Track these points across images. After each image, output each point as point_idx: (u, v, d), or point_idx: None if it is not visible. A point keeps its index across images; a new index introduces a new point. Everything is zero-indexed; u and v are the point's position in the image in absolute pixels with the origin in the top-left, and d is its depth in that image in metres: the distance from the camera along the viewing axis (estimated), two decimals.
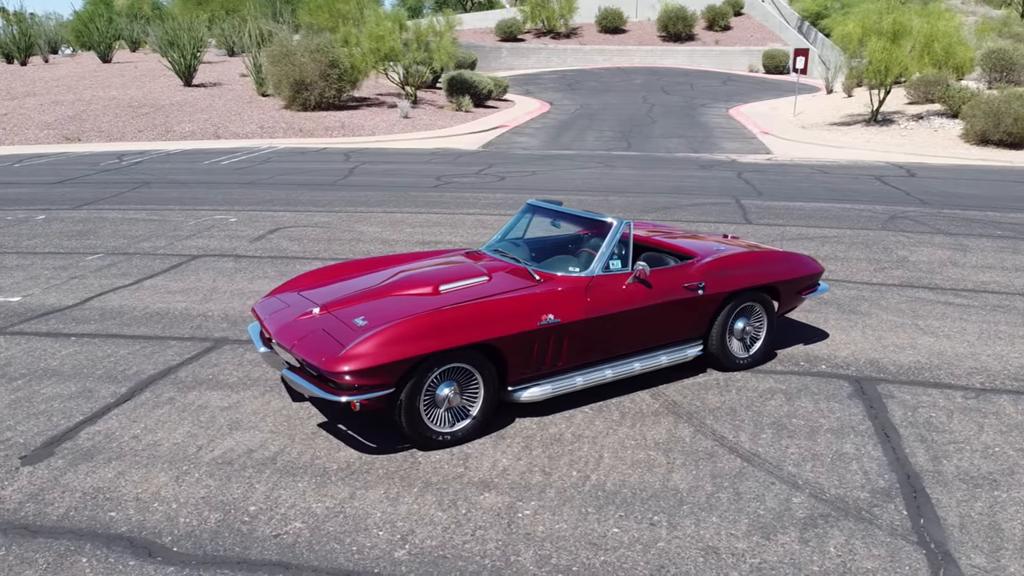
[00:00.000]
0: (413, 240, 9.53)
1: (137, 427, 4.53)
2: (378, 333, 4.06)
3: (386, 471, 4.06)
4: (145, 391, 5.04)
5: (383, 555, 3.36)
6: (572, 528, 3.57)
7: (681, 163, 17.99)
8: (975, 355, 5.79)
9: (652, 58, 49.59)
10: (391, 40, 27.10)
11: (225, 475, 4.01)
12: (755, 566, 3.30)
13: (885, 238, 9.90)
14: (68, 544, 3.41)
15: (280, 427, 4.55)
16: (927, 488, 3.92)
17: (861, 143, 22.02)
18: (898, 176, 16.07)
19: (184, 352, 5.74)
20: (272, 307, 4.84)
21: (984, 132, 20.80)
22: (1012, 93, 21.21)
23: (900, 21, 22.72)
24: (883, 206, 12.38)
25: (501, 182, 14.68)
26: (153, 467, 4.09)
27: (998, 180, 15.82)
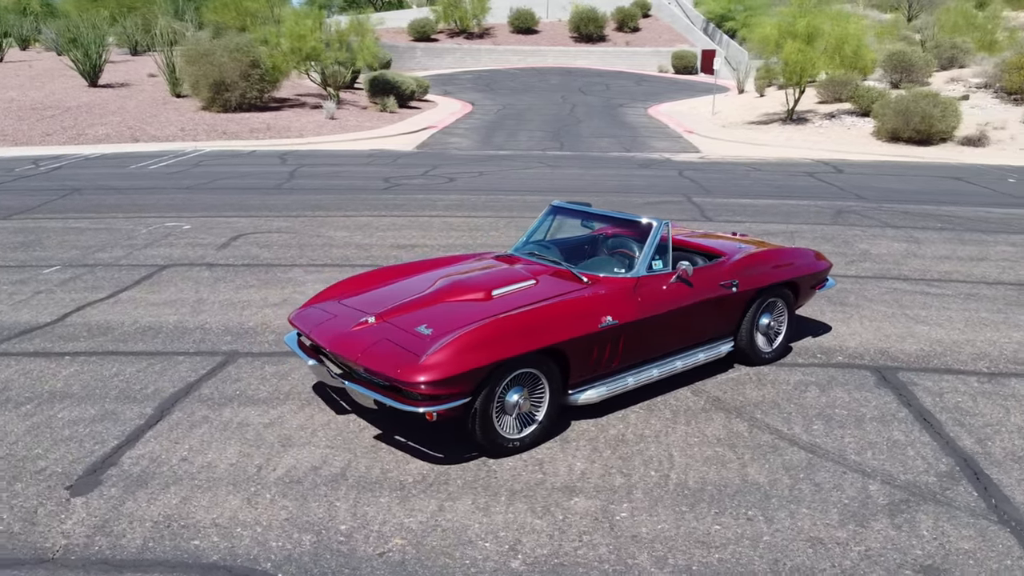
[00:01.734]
0: (387, 244, 9.36)
1: (182, 449, 4.30)
2: (453, 341, 3.98)
3: (464, 481, 3.99)
4: (174, 411, 4.78)
5: (499, 567, 3.30)
6: (675, 528, 3.60)
7: (620, 162, 18.31)
8: (970, 341, 6.13)
9: (565, 58, 50.20)
10: (312, 39, 26.49)
11: (299, 494, 3.85)
12: (863, 554, 3.40)
13: (841, 232, 10.34)
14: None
15: (335, 441, 4.40)
16: (985, 470, 4.14)
17: (783, 141, 22.93)
18: (827, 172, 16.81)
19: (197, 368, 5.47)
20: (315, 318, 4.67)
21: (895, 129, 22.00)
22: (919, 93, 22.52)
23: (813, 24, 23.75)
24: (826, 201, 12.93)
25: (451, 183, 14.59)
26: (217, 490, 3.89)
27: (917, 175, 16.77)
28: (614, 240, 5.43)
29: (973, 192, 14.49)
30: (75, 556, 3.35)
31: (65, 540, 3.46)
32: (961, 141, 22.00)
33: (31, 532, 3.52)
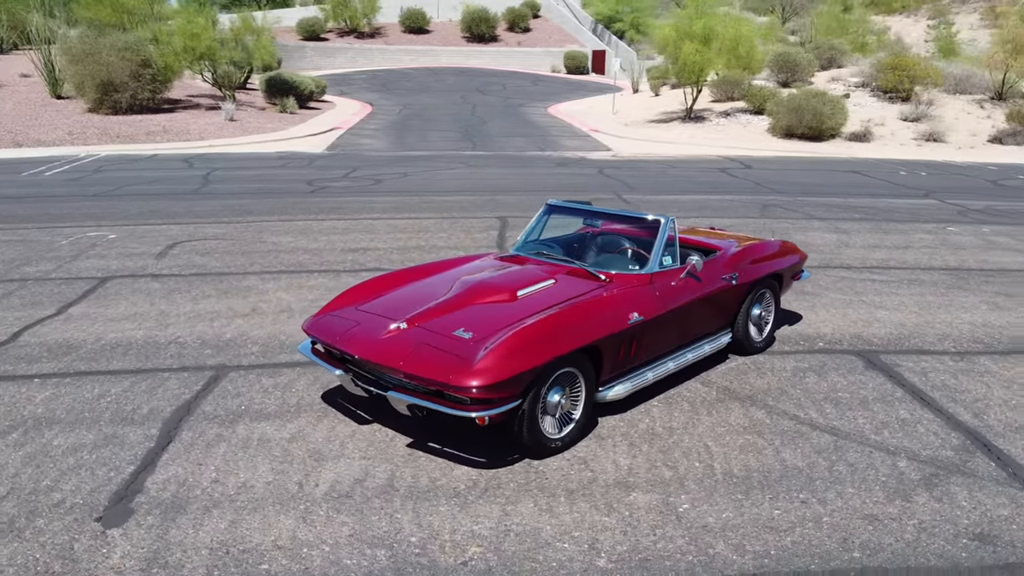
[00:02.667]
0: (337, 248, 9.12)
1: (208, 470, 4.07)
2: (503, 344, 3.95)
3: (517, 484, 3.96)
4: (182, 431, 4.51)
5: (588, 566, 3.31)
6: (738, 515, 3.70)
7: (539, 161, 18.50)
8: (929, 324, 6.57)
9: (459, 58, 50.20)
10: (206, 38, 25.43)
11: (353, 508, 3.72)
12: (918, 527, 3.61)
13: (773, 225, 10.83)
14: None
15: (368, 452, 4.27)
16: (993, 442, 4.45)
17: (686, 138, 23.75)
18: (737, 168, 17.54)
19: (189, 384, 5.18)
20: (338, 326, 4.51)
21: (789, 126, 23.19)
22: (809, 92, 23.84)
23: (709, 26, 24.71)
24: (748, 196, 13.51)
25: (379, 185, 14.37)
26: (265, 511, 3.71)
27: (818, 169, 17.75)
28: (619, 237, 5.50)
29: (873, 184, 15.47)
30: None
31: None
32: (848, 137, 23.43)
33: (76, 570, 3.25)
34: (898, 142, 23.40)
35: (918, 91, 25.95)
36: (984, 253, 9.38)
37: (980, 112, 25.78)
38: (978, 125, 24.73)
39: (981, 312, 6.92)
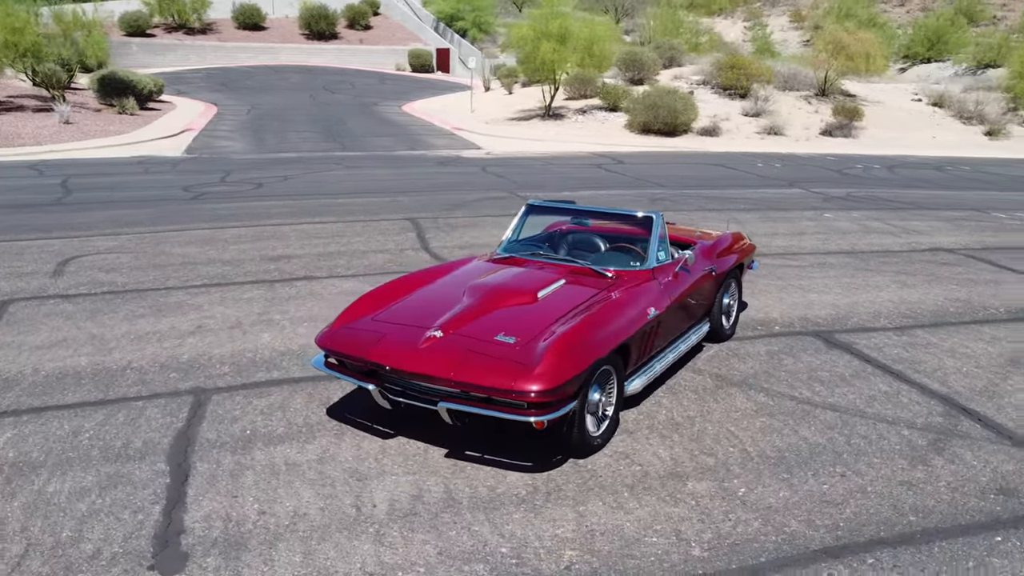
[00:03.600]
0: (256, 257, 8.66)
1: (249, 502, 3.80)
2: (556, 348, 3.95)
3: (577, 485, 3.98)
4: (194, 462, 4.17)
5: (686, 557, 3.39)
6: (793, 493, 3.91)
7: (417, 161, 18.34)
8: (858, 303, 7.17)
9: (300, 56, 48.66)
10: (30, 32, 23.19)
11: (428, 526, 3.61)
12: (949, 486, 3.97)
13: (671, 218, 11.35)
14: None
15: (410, 467, 4.14)
16: (968, 405, 4.95)
17: (552, 135, 24.31)
18: (610, 163, 18.21)
19: (172, 412, 4.78)
20: (363, 338, 4.32)
21: (646, 123, 24.30)
22: (662, 89, 25.08)
23: (565, 26, 25.41)
24: (634, 190, 14.08)
25: (261, 190, 13.76)
26: (334, 538, 3.51)
27: (686, 162, 18.76)
28: (612, 235, 5.60)
29: (739, 176, 16.55)
30: None
31: None
32: (699, 132, 24.88)
33: None
34: (744, 136, 25.10)
35: (755, 88, 27.93)
36: (867, 237, 10.30)
37: (808, 107, 28.13)
38: (808, 119, 26.99)
39: (894, 290, 7.62)
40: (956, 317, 6.79)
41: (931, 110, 28.80)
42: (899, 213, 12.27)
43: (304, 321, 6.45)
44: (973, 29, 52.67)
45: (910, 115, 28.36)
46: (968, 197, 14.47)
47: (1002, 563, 3.37)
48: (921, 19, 55.44)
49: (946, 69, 45.62)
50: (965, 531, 3.61)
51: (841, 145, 24.07)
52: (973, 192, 15.35)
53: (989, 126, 26.71)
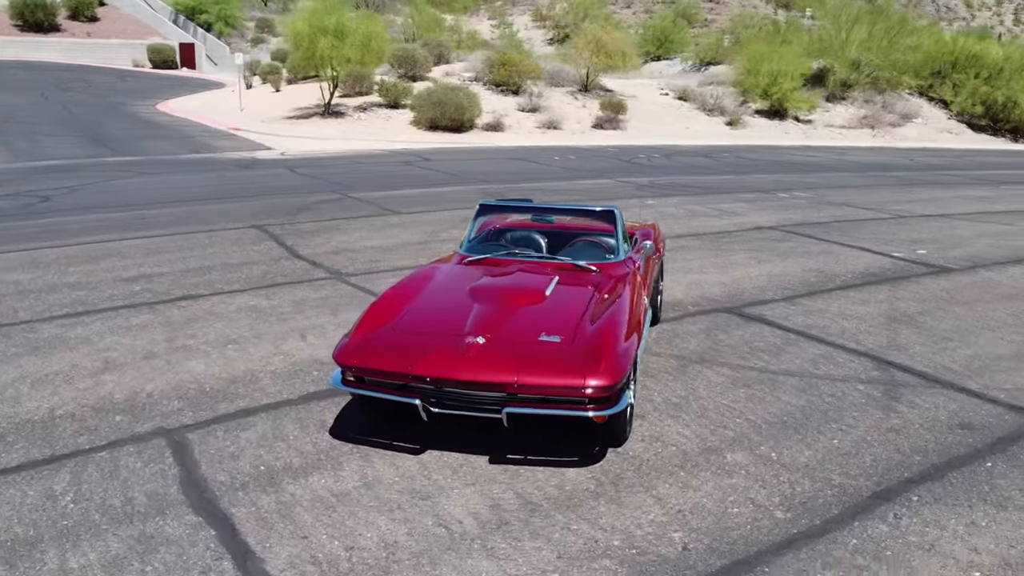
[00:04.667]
0: (107, 279, 7.72)
1: (325, 540, 3.51)
2: (609, 344, 4.06)
3: (633, 472, 4.11)
4: (227, 508, 3.75)
5: (773, 522, 3.68)
6: (814, 452, 4.35)
7: (210, 164, 17.17)
8: (737, 280, 7.95)
9: (16, 50, 43.01)
10: None
11: (529, 532, 3.57)
12: (923, 427, 4.63)
13: None
14: None
15: (466, 478, 4.04)
16: (887, 359, 5.75)
17: (338, 134, 23.76)
18: (419, 160, 18.26)
19: (155, 459, 4.22)
20: (397, 352, 4.11)
21: (433, 119, 24.54)
22: (447, 86, 25.44)
23: (342, 21, 24.89)
24: (460, 187, 14.29)
25: (49, 203, 12.23)
26: (447, 561, 3.37)
27: (491, 158, 19.30)
28: (571, 230, 5.74)
29: (545, 169, 17.36)
30: None
31: None
32: (484, 127, 25.58)
33: None
34: (525, 131, 26.21)
35: (528, 85, 29.21)
36: (696, 220, 11.35)
37: (576, 102, 29.97)
38: (578, 113, 28.77)
39: (756, 266, 8.53)
40: (821, 285, 7.77)
41: (679, 103, 31.92)
42: (707, 197, 13.60)
43: (227, 343, 5.91)
44: (691, 30, 59.04)
45: (662, 108, 31.24)
46: (750, 180, 16.36)
47: (1006, 482, 4.03)
48: (647, 20, 61.20)
49: (674, 66, 50.48)
50: (961, 462, 4.25)
51: (614, 137, 25.97)
52: (752, 176, 17.37)
53: (729, 117, 30.19)
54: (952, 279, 8.14)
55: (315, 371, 5.40)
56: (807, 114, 31.49)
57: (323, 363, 5.51)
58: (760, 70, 30.24)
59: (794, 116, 31.44)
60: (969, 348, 6.02)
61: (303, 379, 5.27)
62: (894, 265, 8.70)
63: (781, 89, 30.01)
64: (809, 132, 30.22)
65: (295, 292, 7.28)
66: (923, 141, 30.35)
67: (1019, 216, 12.73)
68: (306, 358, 5.65)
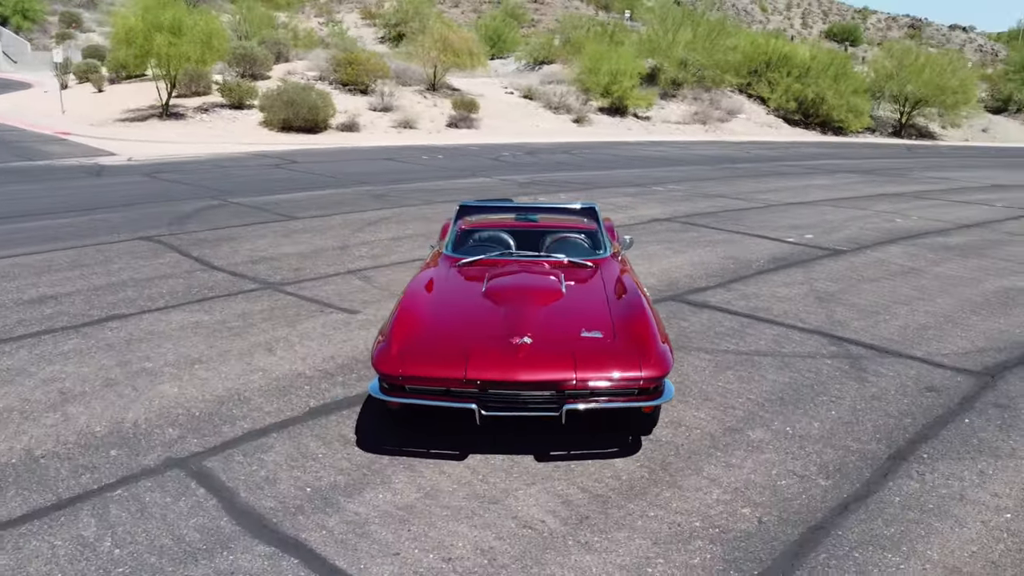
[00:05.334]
0: (4, 302, 6.98)
1: (417, 554, 3.42)
2: (652, 336, 4.20)
3: (678, 456, 4.28)
4: (298, 534, 3.56)
5: (821, 488, 3.98)
6: (821, 423, 4.72)
7: (52, 172, 15.75)
8: (665, 270, 8.36)
9: None
10: None
11: (613, 524, 3.65)
12: (898, 392, 5.14)
13: (425, 211, 11.66)
14: None
15: (524, 478, 4.04)
16: (836, 334, 6.30)
17: (183, 136, 22.44)
18: (288, 163, 17.61)
19: (182, 492, 3.90)
20: (444, 358, 4.04)
21: (286, 120, 23.70)
22: (298, 85, 24.62)
23: (179, 17, 23.46)
24: (346, 189, 13.95)
25: None
26: (550, 560, 3.39)
27: (358, 159, 18.90)
28: (554, 228, 5.81)
29: (417, 169, 17.27)
30: None
31: None
32: (340, 128, 25.00)
33: None
34: (381, 131, 25.85)
35: (378, 84, 28.80)
36: None
37: (426, 101, 29.91)
38: (430, 112, 28.73)
39: (675, 256, 9.00)
40: (743, 271, 8.32)
41: (526, 102, 32.64)
42: (593, 192, 14.09)
43: (191, 364, 5.53)
44: (520, 29, 60.41)
45: (510, 106, 31.83)
46: (620, 175, 17.09)
47: (988, 435, 4.57)
48: (477, 20, 61.92)
49: (508, 65, 51.46)
50: (944, 421, 4.77)
51: (470, 136, 26.17)
52: (618, 171, 18.11)
53: (576, 114, 31.26)
54: (848, 260, 8.98)
55: (305, 386, 5.17)
56: (645, 111, 33.19)
57: (308, 377, 5.29)
58: (600, 69, 31.52)
59: (633, 113, 33.03)
60: (897, 320, 6.70)
61: (297, 394, 5.03)
62: (793, 249, 9.45)
63: (621, 87, 31.43)
64: (650, 128, 31.89)
65: (233, 305, 6.87)
66: (748, 135, 32.88)
67: (868, 200, 14.17)
68: (287, 372, 5.38)
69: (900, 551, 3.46)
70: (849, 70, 36.00)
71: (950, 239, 10.43)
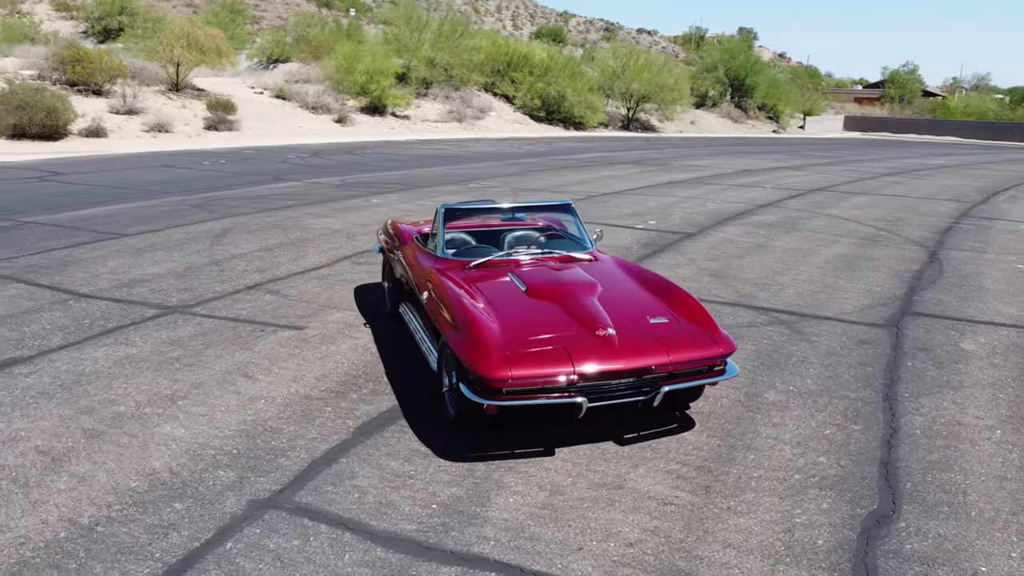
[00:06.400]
0: None
1: (607, 538, 3.56)
2: (709, 318, 4.60)
3: (734, 428, 4.72)
4: (465, 550, 3.51)
5: (859, 434, 4.67)
6: (819, 379, 5.44)
7: None
8: None
9: None
10: None
11: (743, 487, 4.03)
12: (842, 347, 6.04)
13: (275, 219, 11.06)
14: None
15: (631, 461, 4.24)
16: (765, 305, 7.14)
17: None
18: (49, 175, 15.56)
19: (309, 530, 3.64)
20: (548, 358, 4.10)
21: (18, 125, 20.73)
22: (30, 86, 21.57)
23: None
24: (158, 200, 12.75)
25: None
26: (718, 521, 3.71)
27: (134, 167, 17.14)
28: (538, 226, 5.95)
29: (206, 176, 16.15)
30: None
31: None
32: (84, 133, 22.36)
33: None
34: (132, 135, 23.51)
35: (118, 84, 26.05)
36: None
37: (173, 103, 27.61)
38: (182, 114, 26.59)
39: None
40: (632, 255, 8.99)
41: (280, 102, 31.34)
42: (417, 192, 14.15)
43: (168, 400, 4.96)
44: (245, 26, 57.47)
45: (264, 107, 30.39)
46: (421, 174, 17.24)
47: (934, 373, 5.56)
48: (194, 16, 57.75)
49: (242, 63, 48.92)
50: (894, 365, 5.70)
51: (235, 138, 24.68)
52: (415, 170, 18.20)
53: (337, 114, 30.62)
54: (703, 241, 10.05)
55: (326, 408, 4.88)
56: (403, 110, 33.41)
57: (319, 399, 5.01)
58: (356, 68, 31.18)
59: (392, 112, 33.11)
60: (789, 289, 7.72)
61: (325, 417, 4.74)
62: (649, 235, 10.35)
63: (380, 87, 31.36)
64: (412, 127, 32.19)
65: (154, 334, 6.17)
66: (503, 131, 34.45)
67: (666, 188, 15.71)
68: (292, 397, 5.03)
69: (956, 470, 4.18)
70: (581, 69, 39.03)
71: (764, 218, 12.02)
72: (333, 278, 7.92)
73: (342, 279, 7.90)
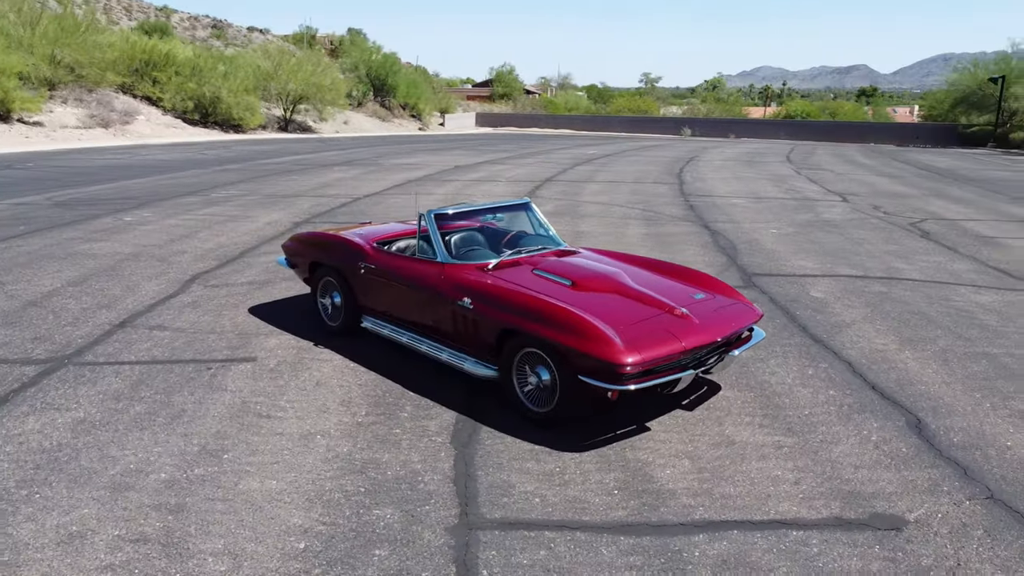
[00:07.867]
0: None
1: (729, 482, 4.12)
2: (731, 289, 5.31)
3: (764, 404, 5.54)
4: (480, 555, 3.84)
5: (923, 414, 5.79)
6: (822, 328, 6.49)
7: None
8: None
9: None
10: None
11: (793, 449, 4.83)
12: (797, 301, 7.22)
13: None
14: None
15: (660, 439, 4.84)
16: None
17: None
18: None
19: (533, 543, 3.67)
20: (658, 339, 4.45)
21: None
22: None
23: None
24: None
25: None
26: (781, 460, 4.45)
27: None
28: (507, 225, 6.07)
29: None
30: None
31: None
32: None
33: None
34: None
35: None
36: (230, 224, 11.00)
37: None
38: None
39: None
40: None
41: None
42: (160, 206, 12.74)
43: (211, 454, 4.38)
44: None
45: None
46: (145, 185, 15.40)
47: (823, 317, 6.93)
48: None
49: None
50: (791, 317, 6.97)
51: None
52: (132, 181, 16.09)
53: None
54: None
55: (397, 430, 4.66)
56: (32, 116, 28.77)
57: (378, 423, 4.76)
58: None
59: (19, 119, 28.33)
60: None
61: (403, 445, 4.50)
62: None
63: (3, 88, 26.66)
64: (52, 135, 27.84)
65: (71, 392, 5.17)
66: (158, 137, 31.40)
67: (421, 184, 16.00)
68: (346, 426, 4.69)
69: (917, 383, 5.43)
70: (235, 67, 37.02)
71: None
72: (206, 305, 7.10)
73: (221, 304, 7.13)
